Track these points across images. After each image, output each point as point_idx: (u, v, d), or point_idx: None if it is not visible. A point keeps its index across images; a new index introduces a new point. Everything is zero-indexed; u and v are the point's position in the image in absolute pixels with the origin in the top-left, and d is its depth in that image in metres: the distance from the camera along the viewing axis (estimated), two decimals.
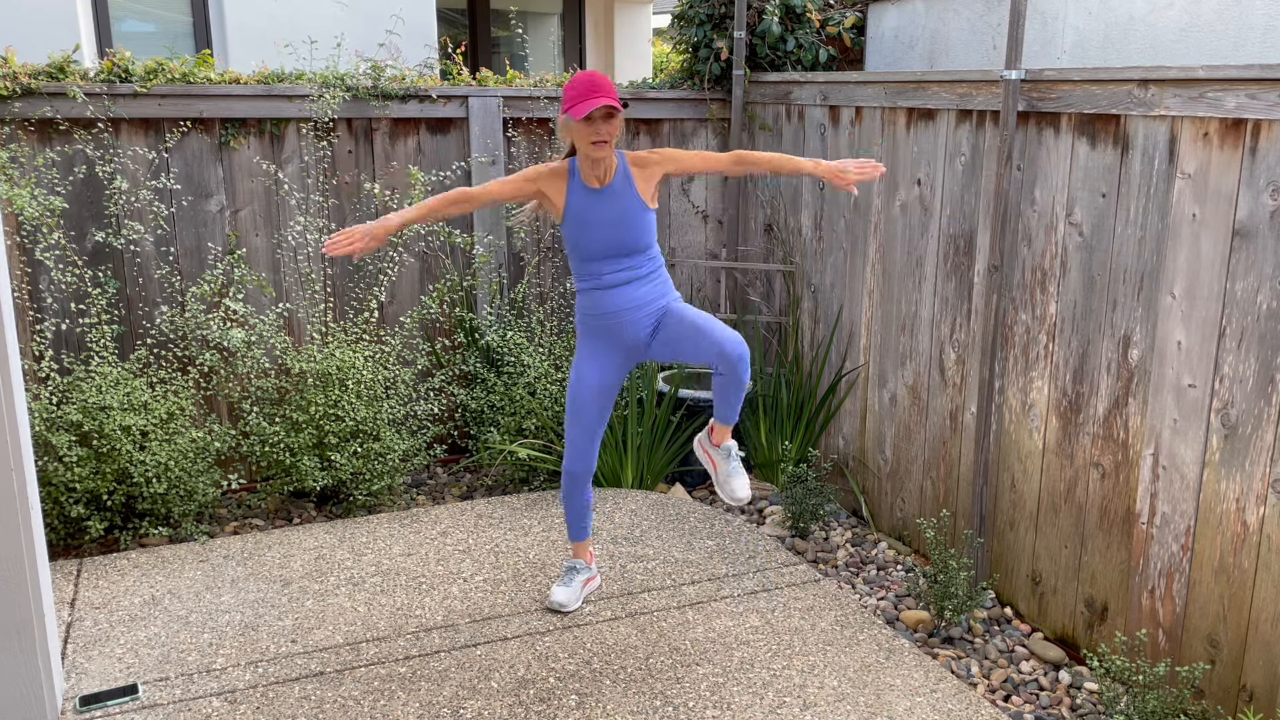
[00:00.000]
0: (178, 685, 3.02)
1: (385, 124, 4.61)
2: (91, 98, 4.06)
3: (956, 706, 2.98)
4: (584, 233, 3.10)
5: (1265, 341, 2.70)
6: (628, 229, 3.09)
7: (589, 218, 3.09)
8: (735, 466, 3.32)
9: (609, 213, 3.08)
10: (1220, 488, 2.86)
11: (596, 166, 3.06)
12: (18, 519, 2.63)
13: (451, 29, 9.47)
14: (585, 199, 3.09)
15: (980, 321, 3.68)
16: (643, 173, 3.12)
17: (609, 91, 2.94)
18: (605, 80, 2.98)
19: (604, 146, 2.99)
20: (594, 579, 3.57)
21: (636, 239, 3.11)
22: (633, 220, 3.10)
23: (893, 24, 4.73)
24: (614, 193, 3.09)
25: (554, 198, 3.13)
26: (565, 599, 3.45)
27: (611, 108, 2.94)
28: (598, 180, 3.08)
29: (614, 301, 3.14)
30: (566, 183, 3.11)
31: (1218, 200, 2.80)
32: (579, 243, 3.12)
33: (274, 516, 4.36)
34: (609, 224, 3.08)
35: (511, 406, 4.55)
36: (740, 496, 3.30)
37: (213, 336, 4.23)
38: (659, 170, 3.15)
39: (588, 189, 3.09)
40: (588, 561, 3.54)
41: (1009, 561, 3.67)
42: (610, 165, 3.08)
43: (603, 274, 3.12)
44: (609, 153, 3.03)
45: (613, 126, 2.99)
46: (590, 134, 2.97)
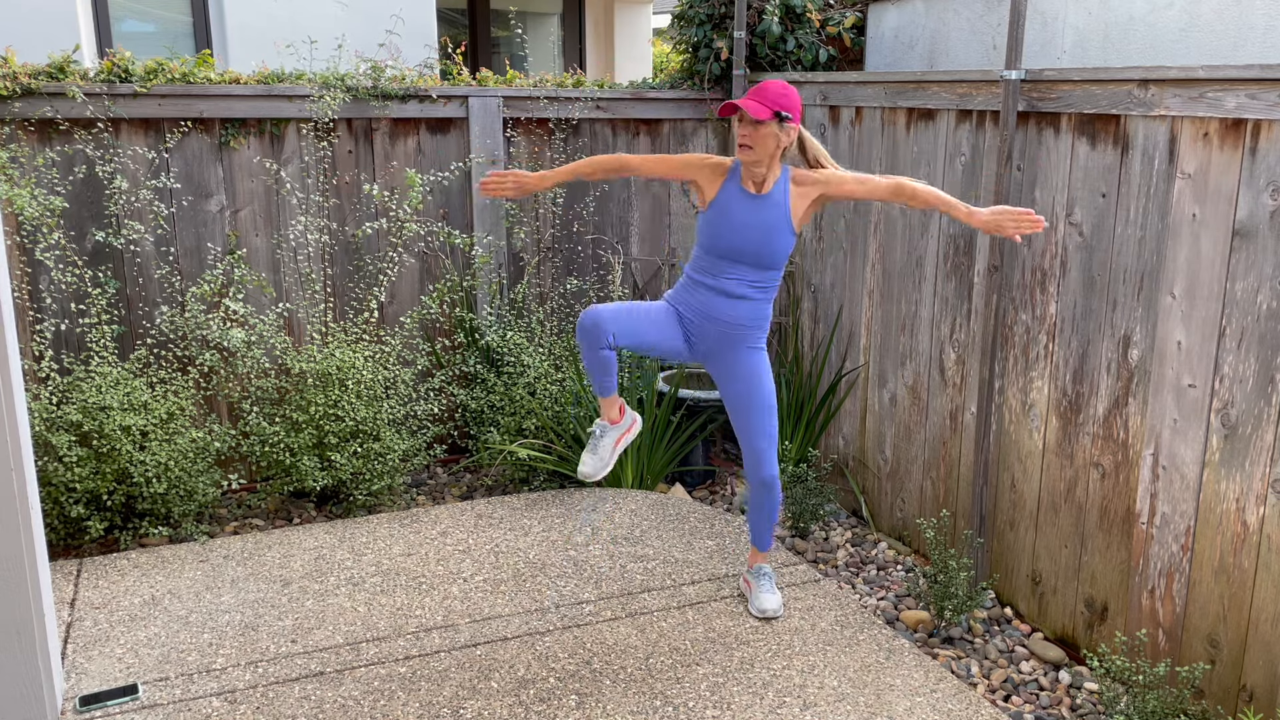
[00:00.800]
0: (178, 685, 3.02)
1: (385, 124, 4.61)
2: (91, 98, 4.06)
3: (956, 706, 2.98)
4: (721, 229, 3.11)
5: (1265, 341, 2.70)
6: (764, 242, 3.10)
7: (733, 216, 3.11)
8: (765, 586, 3.47)
9: (754, 220, 3.09)
10: (1220, 488, 2.86)
11: (751, 171, 3.08)
12: (18, 519, 2.63)
13: (451, 29, 9.47)
14: (737, 199, 3.12)
15: (980, 321, 3.68)
16: (799, 190, 3.12)
17: (764, 97, 2.97)
18: (772, 89, 2.99)
19: (748, 151, 3.02)
20: (628, 431, 3.40)
21: (768, 255, 3.12)
22: (772, 235, 3.10)
23: (893, 24, 4.73)
24: (767, 203, 3.10)
25: (706, 188, 3.16)
26: (592, 468, 3.31)
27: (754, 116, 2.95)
28: (755, 186, 3.11)
29: (718, 308, 3.16)
30: (724, 179, 3.15)
31: (1218, 200, 2.80)
32: (715, 239, 3.13)
33: (274, 516, 4.36)
34: (749, 230, 3.09)
35: (511, 406, 4.55)
36: (766, 610, 3.42)
37: (213, 336, 4.23)
38: (815, 190, 3.12)
39: (744, 192, 3.12)
40: (618, 417, 3.35)
41: (1009, 561, 3.67)
42: (770, 175, 3.10)
43: (722, 274, 3.14)
44: (757, 158, 3.04)
45: (759, 134, 2.99)
46: (737, 135, 3.03)
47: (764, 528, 3.47)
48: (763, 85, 3.03)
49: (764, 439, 3.28)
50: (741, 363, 3.24)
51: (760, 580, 3.48)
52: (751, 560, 3.56)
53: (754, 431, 3.28)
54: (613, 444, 3.36)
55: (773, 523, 3.46)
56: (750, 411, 3.27)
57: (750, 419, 3.28)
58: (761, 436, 3.28)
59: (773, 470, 3.31)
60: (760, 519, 3.45)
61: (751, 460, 3.31)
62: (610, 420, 3.34)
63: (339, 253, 4.61)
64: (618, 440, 3.38)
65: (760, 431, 3.27)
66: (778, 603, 3.43)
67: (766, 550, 3.53)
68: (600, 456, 3.33)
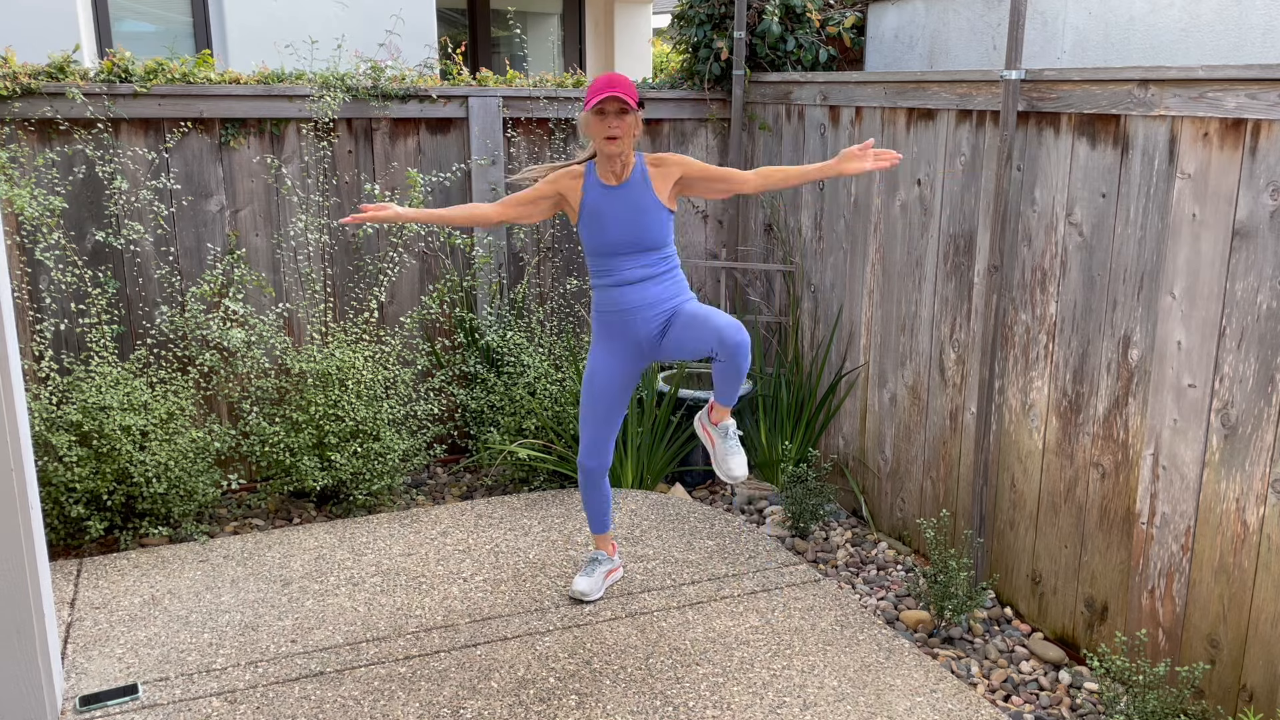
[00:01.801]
0: (178, 685, 3.02)
1: (385, 124, 4.61)
2: (91, 98, 4.06)
3: (956, 706, 2.98)
4: (599, 228, 3.17)
5: (1265, 341, 2.70)
6: (642, 226, 3.16)
7: (604, 213, 3.16)
8: (733, 445, 3.37)
9: (624, 209, 3.15)
10: (1220, 488, 2.86)
11: (613, 163, 3.13)
12: (18, 519, 2.63)
13: (451, 29, 9.47)
14: (601, 195, 3.17)
15: (980, 321, 3.68)
16: (659, 171, 3.18)
17: (623, 88, 3.04)
18: (624, 79, 3.07)
19: (617, 142, 3.07)
20: (616, 570, 3.64)
21: (651, 237, 3.17)
22: (647, 217, 3.16)
23: (893, 24, 4.73)
24: (630, 190, 3.16)
25: (570, 197, 3.21)
26: (587, 588, 3.50)
27: (624, 103, 3.03)
28: (615, 177, 3.16)
29: (628, 298, 3.20)
30: (583, 181, 3.20)
31: (1218, 200, 2.80)
32: (594, 238, 3.19)
33: (274, 516, 4.36)
34: (624, 220, 3.15)
35: (511, 406, 4.55)
36: (737, 474, 3.34)
37: (213, 336, 4.23)
38: (676, 170, 3.18)
39: (604, 186, 3.17)
40: (610, 553, 3.61)
41: (1009, 561, 3.67)
42: (628, 163, 3.16)
43: (617, 270, 3.19)
44: (623, 149, 3.10)
45: (625, 123, 3.07)
46: (603, 129, 3.06)
47: (732, 386, 3.23)
48: (612, 79, 3.05)
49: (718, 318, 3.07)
50: (679, 313, 3.20)
51: (727, 440, 3.35)
52: (717, 416, 3.37)
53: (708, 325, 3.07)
54: (605, 574, 3.60)
55: (741, 380, 3.21)
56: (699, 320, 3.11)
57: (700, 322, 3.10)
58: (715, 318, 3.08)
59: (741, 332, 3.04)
60: (729, 375, 3.18)
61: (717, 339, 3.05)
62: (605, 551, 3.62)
63: (339, 253, 4.61)
64: (609, 574, 3.60)
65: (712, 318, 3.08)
66: (744, 464, 3.33)
67: (730, 407, 3.34)
68: (594, 581, 3.53)
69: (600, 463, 3.40)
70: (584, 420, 3.37)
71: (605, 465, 3.42)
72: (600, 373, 3.31)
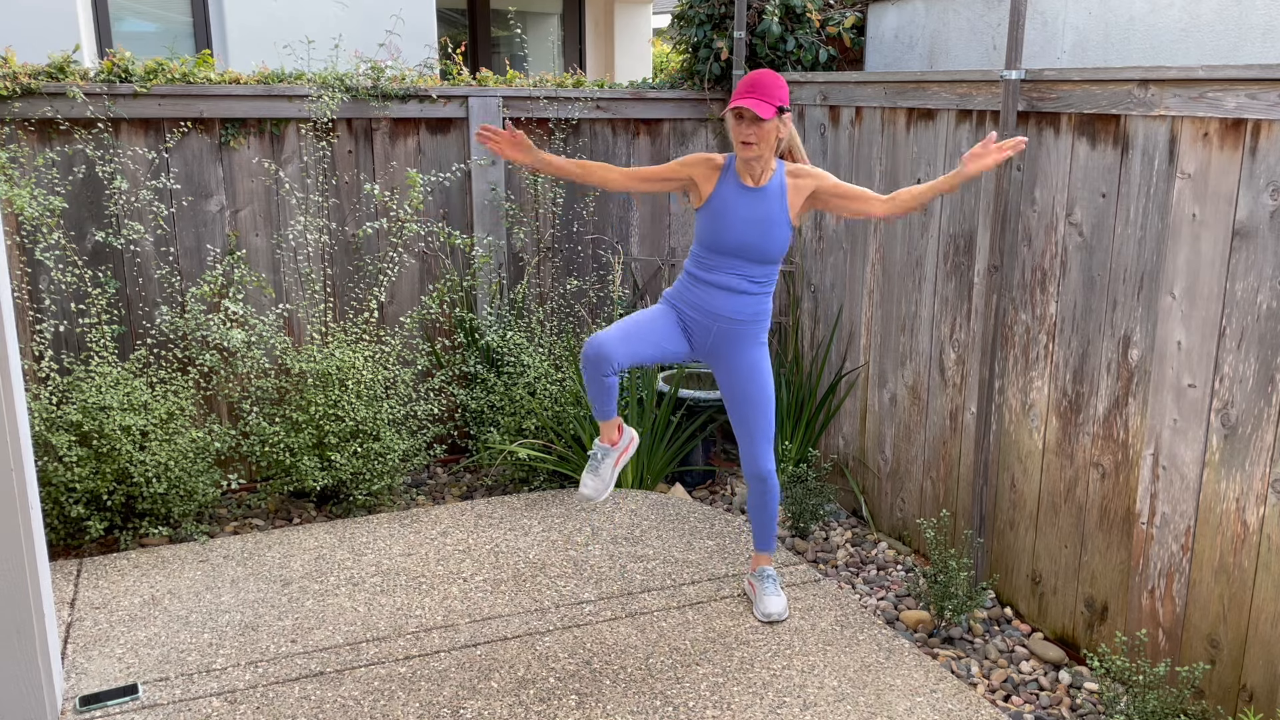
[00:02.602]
0: (178, 685, 3.02)
1: (385, 124, 4.61)
2: (91, 98, 4.06)
3: (956, 706, 2.98)
4: (722, 225, 3.11)
5: (1265, 341, 2.70)
6: (767, 236, 3.11)
7: (732, 212, 3.11)
8: (770, 589, 3.44)
9: (751, 212, 3.10)
10: (1220, 488, 2.86)
11: (750, 166, 3.09)
12: (18, 519, 2.63)
13: (451, 29, 9.47)
14: (734, 193, 3.12)
15: (980, 321, 3.68)
16: (796, 183, 3.14)
17: (765, 93, 2.96)
18: (768, 80, 2.98)
19: (751, 148, 3.02)
20: (626, 451, 3.40)
21: (768, 249, 3.12)
22: (774, 229, 3.11)
23: (893, 24, 4.73)
24: (765, 196, 3.11)
25: (703, 186, 3.15)
26: (594, 489, 3.31)
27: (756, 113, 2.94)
28: (752, 179, 3.11)
29: (715, 301, 3.16)
30: (719, 175, 3.15)
31: (1218, 200, 2.80)
32: (714, 233, 3.12)
33: (274, 516, 4.36)
34: (750, 225, 3.10)
35: (511, 406, 4.55)
36: (770, 614, 3.40)
37: (213, 337, 4.23)
38: (811, 184, 3.14)
39: (740, 185, 3.12)
40: (616, 437, 3.35)
41: (1009, 561, 3.67)
42: (767, 169, 3.11)
43: (722, 269, 3.14)
44: (759, 154, 3.05)
45: (762, 131, 3.00)
46: (738, 133, 3.02)
47: (766, 528, 3.46)
48: (757, 79, 2.99)
49: (761, 435, 3.29)
50: (743, 357, 3.24)
51: (764, 583, 3.47)
52: (755, 563, 3.55)
53: (752, 427, 3.28)
54: (613, 464, 3.39)
55: (774, 521, 3.45)
56: (750, 407, 3.27)
57: (749, 414, 3.28)
58: (759, 433, 3.28)
59: (770, 466, 3.32)
60: (761, 518, 3.45)
61: (749, 457, 3.32)
62: (610, 442, 3.37)
63: (339, 253, 4.61)
64: (617, 460, 3.41)
65: (758, 427, 3.28)
66: (783, 605, 3.42)
67: (770, 552, 3.52)
68: (601, 477, 3.34)
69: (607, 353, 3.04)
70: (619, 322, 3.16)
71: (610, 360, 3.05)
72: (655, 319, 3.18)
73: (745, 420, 3.29)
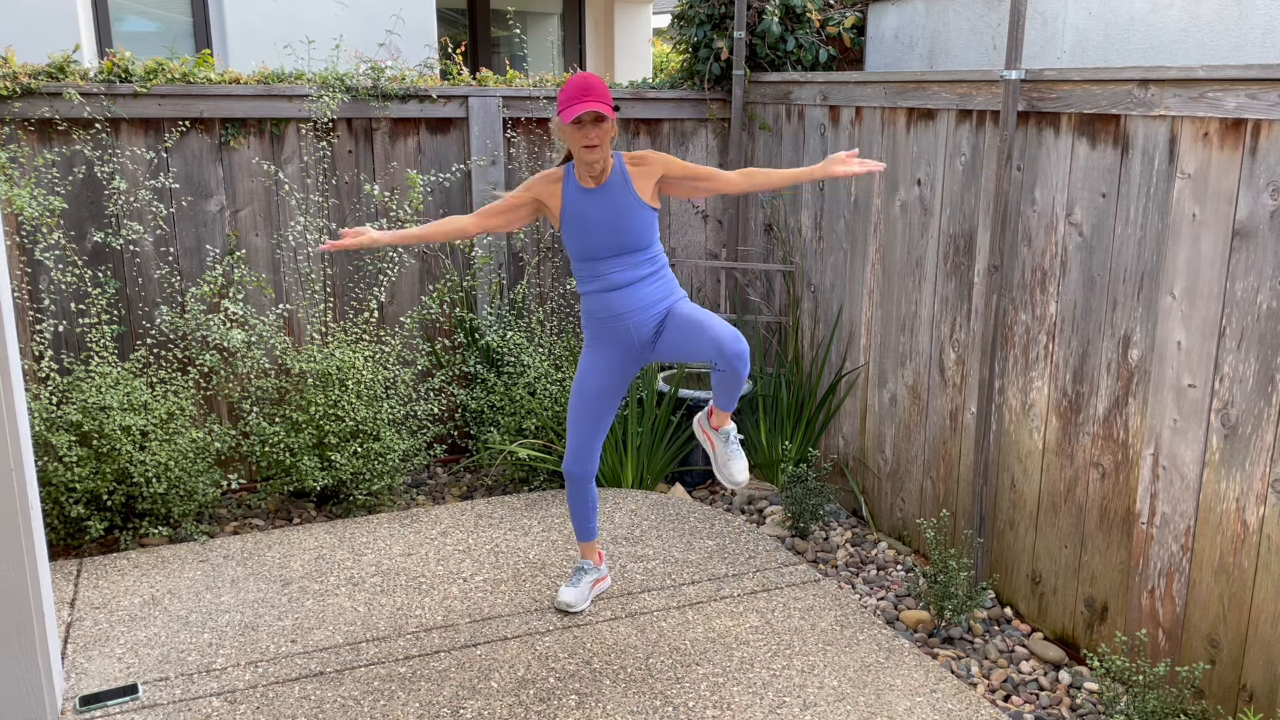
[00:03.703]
0: (178, 685, 3.02)
1: (385, 124, 4.61)
2: (91, 98, 4.06)
3: (956, 706, 2.98)
4: (582, 231, 3.12)
5: (1265, 341, 2.70)
6: (626, 227, 3.10)
7: (586, 216, 3.11)
8: (734, 449, 3.33)
9: (606, 211, 3.10)
10: (1220, 488, 2.86)
11: (591, 168, 3.08)
12: (18, 519, 2.63)
13: (451, 29, 9.47)
14: (581, 199, 3.11)
15: (980, 321, 3.68)
16: (639, 170, 3.13)
17: (599, 95, 2.95)
18: (597, 83, 2.99)
19: (595, 150, 3.01)
20: (603, 580, 3.57)
21: (635, 237, 3.11)
22: (630, 217, 3.10)
23: (893, 24, 4.73)
24: (610, 190, 3.11)
25: (550, 203, 3.15)
26: (573, 599, 3.43)
27: (600, 113, 2.96)
28: (593, 179, 3.10)
29: (618, 303, 3.14)
30: (562, 186, 3.14)
31: (1218, 200, 2.80)
32: (577, 242, 3.13)
33: (274, 516, 4.36)
34: (606, 222, 3.10)
35: (511, 406, 4.55)
36: (738, 480, 3.31)
37: (213, 337, 4.23)
38: (658, 169, 3.14)
39: (583, 189, 3.11)
40: (596, 562, 3.55)
41: (1009, 561, 3.67)
42: (606, 165, 3.10)
43: (605, 274, 3.13)
44: (602, 155, 3.04)
45: (602, 130, 3.00)
46: (580, 138, 3.00)
47: (732, 394, 3.20)
48: (587, 84, 2.96)
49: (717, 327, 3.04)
50: (673, 314, 3.16)
51: (730, 445, 3.31)
52: (717, 421, 3.34)
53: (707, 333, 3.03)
54: (592, 583, 3.52)
55: (741, 389, 3.19)
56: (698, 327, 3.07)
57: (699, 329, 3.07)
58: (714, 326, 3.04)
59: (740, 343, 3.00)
60: (728, 385, 3.16)
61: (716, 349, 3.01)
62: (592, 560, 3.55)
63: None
64: (595, 582, 3.53)
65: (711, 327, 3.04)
66: (746, 468, 3.31)
67: (729, 411, 3.29)
68: (581, 592, 3.46)
69: (585, 469, 3.33)
70: (571, 424, 3.30)
71: (591, 472, 3.34)
72: (591, 378, 3.24)
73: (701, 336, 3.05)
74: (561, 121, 2.98)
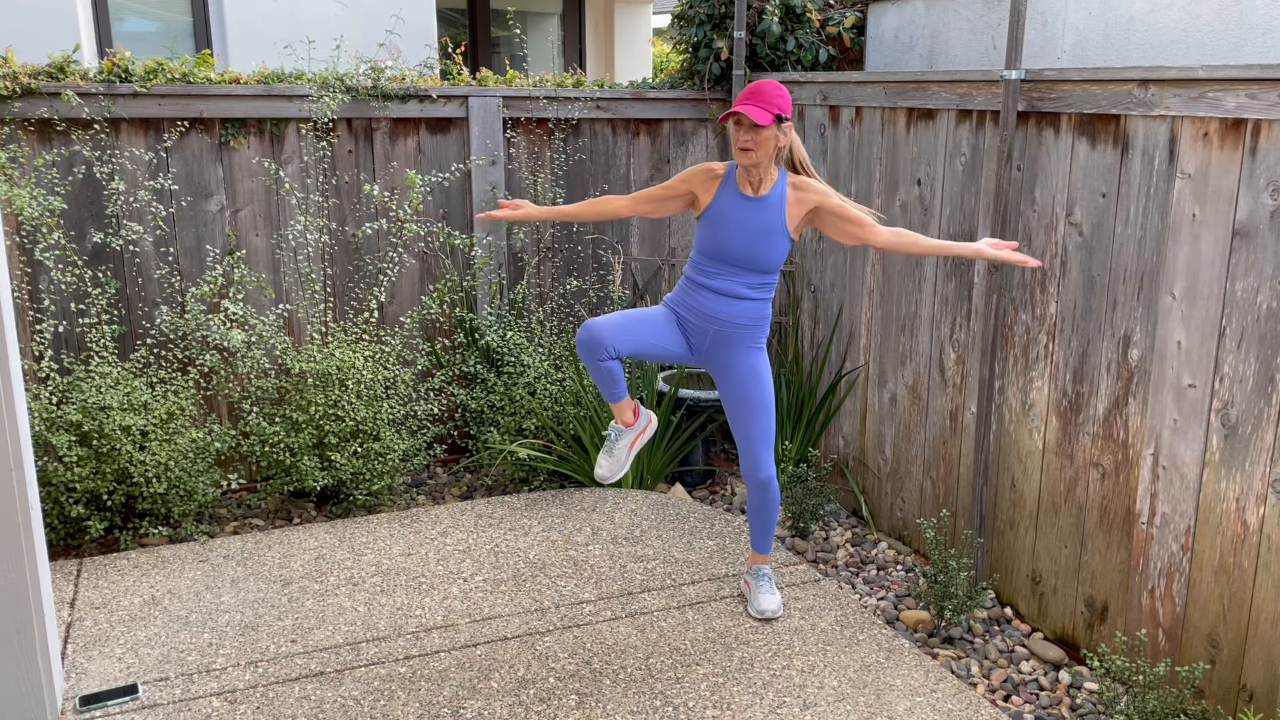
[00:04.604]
0: (178, 685, 3.02)
1: (385, 124, 4.61)
2: (91, 98, 4.06)
3: (956, 706, 2.98)
4: (721, 233, 3.12)
5: (1265, 341, 2.70)
6: (763, 246, 3.11)
7: (730, 220, 3.11)
8: (765, 586, 3.46)
9: (751, 223, 3.10)
10: (1220, 488, 2.86)
11: (749, 173, 3.09)
12: (18, 519, 2.63)
13: (451, 29, 9.47)
14: (733, 202, 3.12)
15: (980, 321, 3.68)
16: (797, 195, 3.12)
17: (763, 100, 2.98)
18: (770, 90, 2.99)
19: (748, 155, 3.02)
20: (644, 433, 3.42)
21: (765, 259, 3.12)
22: (770, 239, 3.11)
23: (893, 24, 4.73)
24: (764, 206, 3.11)
25: (701, 195, 3.17)
26: (608, 469, 3.36)
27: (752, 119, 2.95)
28: (752, 188, 3.12)
29: (712, 305, 3.16)
30: (719, 183, 3.16)
31: (1218, 200, 2.80)
32: (712, 241, 3.14)
33: (274, 516, 4.36)
34: (747, 234, 3.10)
35: (511, 406, 4.55)
36: (764, 610, 3.41)
37: (213, 337, 4.23)
38: (814, 199, 3.12)
39: (740, 194, 3.13)
40: (632, 419, 3.37)
41: (1009, 561, 3.67)
42: (768, 178, 3.11)
43: (719, 276, 3.15)
44: (756, 161, 3.04)
45: (760, 138, 3.00)
46: (736, 139, 3.04)
47: (764, 530, 3.46)
48: (758, 87, 3.01)
49: (761, 440, 3.28)
50: (742, 362, 3.24)
51: (760, 581, 3.48)
52: (751, 562, 3.56)
53: (752, 432, 3.27)
54: (628, 445, 3.40)
55: (773, 524, 3.45)
56: (749, 411, 3.26)
57: (748, 419, 3.27)
58: (759, 437, 3.27)
59: (770, 471, 3.31)
60: (760, 521, 3.44)
61: (748, 461, 3.31)
62: (624, 424, 3.37)
63: (339, 253, 4.61)
64: (633, 442, 3.41)
65: (758, 432, 3.27)
66: (777, 603, 3.43)
67: (766, 553, 3.52)
68: (616, 458, 3.37)
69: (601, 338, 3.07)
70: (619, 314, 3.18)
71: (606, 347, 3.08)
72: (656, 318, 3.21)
73: (745, 425, 3.28)
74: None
